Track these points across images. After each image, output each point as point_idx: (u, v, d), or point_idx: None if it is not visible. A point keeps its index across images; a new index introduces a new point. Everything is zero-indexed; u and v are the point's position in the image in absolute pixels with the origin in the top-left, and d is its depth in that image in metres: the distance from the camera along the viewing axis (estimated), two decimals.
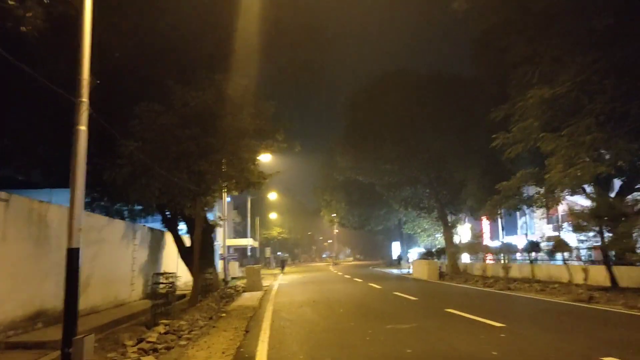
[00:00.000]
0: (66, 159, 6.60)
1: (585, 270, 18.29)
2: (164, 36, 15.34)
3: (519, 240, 38.47)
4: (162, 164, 14.34)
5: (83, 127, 6.19)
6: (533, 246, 23.73)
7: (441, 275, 27.95)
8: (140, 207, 26.94)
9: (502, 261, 24.85)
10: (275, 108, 15.82)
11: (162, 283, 10.79)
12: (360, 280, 27.61)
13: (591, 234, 16.50)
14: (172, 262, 22.50)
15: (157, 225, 23.44)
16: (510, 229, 52.28)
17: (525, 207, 23.25)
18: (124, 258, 16.37)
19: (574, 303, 13.20)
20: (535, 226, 50.20)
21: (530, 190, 22.76)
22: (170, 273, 11.18)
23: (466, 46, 25.15)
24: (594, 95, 13.28)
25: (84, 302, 12.97)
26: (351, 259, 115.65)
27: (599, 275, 17.14)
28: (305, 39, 19.52)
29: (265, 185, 19.43)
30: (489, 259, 29.67)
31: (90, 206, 25.43)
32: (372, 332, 9.06)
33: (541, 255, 26.69)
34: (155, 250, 20.25)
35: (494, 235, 39.89)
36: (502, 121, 17.14)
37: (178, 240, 20.55)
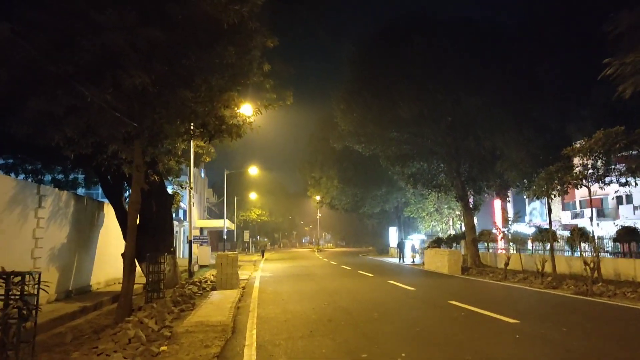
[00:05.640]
0: None
1: None
2: None
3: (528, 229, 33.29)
4: (67, 71, 8.01)
5: None
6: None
7: (463, 269, 22.27)
8: (81, 173, 20.41)
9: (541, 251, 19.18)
10: None
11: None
12: (369, 274, 21.44)
13: None
14: (115, 247, 16.14)
15: None
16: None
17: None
18: (15, 238, 10.01)
19: None
20: (546, 213, 45.31)
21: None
22: (17, 273, 5.02)
23: None
24: None
25: None
26: (331, 244, 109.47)
27: None
28: None
29: (245, 149, 13.40)
30: (501, 249, 24.35)
31: (14, 170, 18.74)
32: None
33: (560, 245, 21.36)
34: (84, 228, 13.90)
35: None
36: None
37: (122, 216, 14.31)
